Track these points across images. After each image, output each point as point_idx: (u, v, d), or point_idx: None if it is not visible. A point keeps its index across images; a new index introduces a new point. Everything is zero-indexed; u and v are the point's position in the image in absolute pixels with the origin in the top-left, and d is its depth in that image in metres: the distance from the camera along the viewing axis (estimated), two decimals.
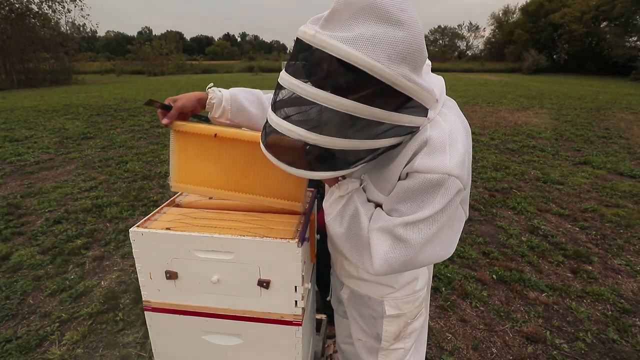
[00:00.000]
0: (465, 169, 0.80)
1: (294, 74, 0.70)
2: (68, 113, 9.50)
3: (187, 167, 1.09)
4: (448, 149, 0.78)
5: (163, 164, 5.41)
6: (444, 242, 0.85)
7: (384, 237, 0.83)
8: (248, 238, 0.96)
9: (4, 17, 19.39)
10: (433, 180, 0.77)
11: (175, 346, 1.12)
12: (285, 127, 0.72)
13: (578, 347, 2.06)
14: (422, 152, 0.78)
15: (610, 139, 7.09)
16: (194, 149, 1.08)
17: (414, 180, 0.79)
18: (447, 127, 0.81)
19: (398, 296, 1.06)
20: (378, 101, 0.68)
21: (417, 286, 1.07)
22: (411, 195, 0.80)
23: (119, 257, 2.93)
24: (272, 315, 1.03)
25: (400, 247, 0.82)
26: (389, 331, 1.09)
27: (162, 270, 1.01)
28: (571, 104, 11.56)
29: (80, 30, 27.54)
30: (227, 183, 1.10)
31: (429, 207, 0.79)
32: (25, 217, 3.60)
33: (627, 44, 30.99)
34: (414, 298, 1.08)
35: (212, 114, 1.11)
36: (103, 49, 70.07)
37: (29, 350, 1.99)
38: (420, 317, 1.13)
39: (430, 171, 0.77)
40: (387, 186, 0.86)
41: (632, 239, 3.29)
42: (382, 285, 1.06)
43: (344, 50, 0.63)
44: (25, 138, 6.78)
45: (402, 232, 0.81)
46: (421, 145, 0.79)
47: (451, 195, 0.78)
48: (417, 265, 0.85)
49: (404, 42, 0.66)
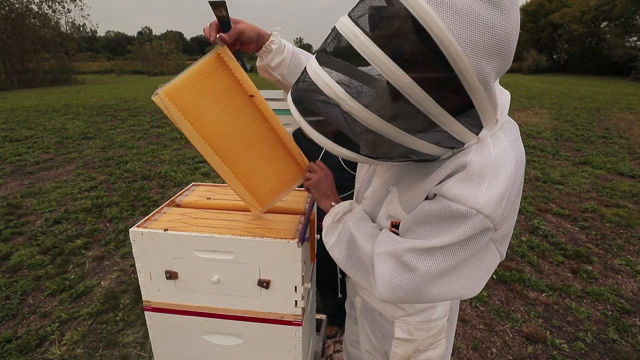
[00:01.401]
0: (502, 209, 0.67)
1: (356, 22, 0.57)
2: (68, 113, 9.51)
3: (192, 93, 0.89)
4: (487, 181, 0.66)
5: (163, 164, 5.41)
6: (465, 280, 0.75)
7: (389, 262, 0.76)
8: (248, 238, 0.96)
9: (4, 17, 19.41)
10: (458, 211, 0.66)
11: (175, 346, 1.12)
12: (323, 78, 0.62)
13: (578, 347, 2.06)
14: (457, 176, 0.67)
15: (610, 139, 7.09)
16: (215, 85, 0.92)
17: (437, 204, 0.70)
18: (495, 155, 0.67)
19: (411, 321, 0.99)
20: (436, 92, 0.56)
21: (433, 315, 1.00)
22: (430, 220, 0.71)
23: (119, 257, 2.93)
24: (272, 315, 1.03)
25: (406, 274, 0.74)
26: (397, 353, 1.02)
27: (162, 270, 1.01)
28: (571, 104, 11.56)
29: (80, 30, 27.56)
30: (216, 141, 0.94)
31: (444, 237, 0.69)
32: (25, 217, 3.60)
33: (627, 44, 31.00)
34: (429, 326, 1.00)
35: (266, 60, 0.97)
36: (103, 49, 70.08)
37: (29, 350, 1.99)
38: (437, 347, 1.04)
39: (458, 201, 0.66)
40: (411, 204, 0.77)
41: (632, 239, 3.29)
42: (395, 306, 0.99)
43: (424, 9, 0.50)
44: (25, 138, 6.78)
45: (410, 258, 0.73)
46: (458, 168, 0.68)
47: (474, 233, 0.67)
48: (429, 299, 0.76)
49: (498, 31, 0.53)
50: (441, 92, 0.57)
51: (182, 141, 6.75)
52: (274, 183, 1.06)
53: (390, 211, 0.84)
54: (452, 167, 0.69)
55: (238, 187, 1.01)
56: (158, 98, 0.86)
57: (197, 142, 0.92)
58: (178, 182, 4.60)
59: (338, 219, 0.91)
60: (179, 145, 6.44)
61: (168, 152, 5.98)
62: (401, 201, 0.81)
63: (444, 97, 0.57)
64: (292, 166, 1.09)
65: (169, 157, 5.74)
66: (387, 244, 0.78)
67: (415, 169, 0.78)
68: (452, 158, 0.70)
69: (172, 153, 5.95)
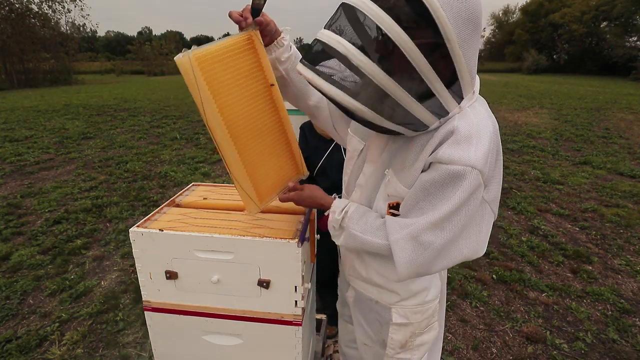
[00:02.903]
0: (489, 165, 0.77)
1: None
2: (68, 113, 9.50)
3: (220, 65, 0.86)
4: (474, 141, 0.76)
5: (163, 164, 5.41)
6: (470, 242, 0.83)
7: (406, 245, 0.82)
8: (248, 238, 0.96)
9: (4, 17, 19.41)
10: (455, 172, 0.75)
11: (175, 346, 1.12)
12: (335, 38, 0.70)
13: (578, 347, 2.06)
14: (448, 141, 0.77)
15: (610, 139, 7.09)
16: (242, 65, 0.91)
17: (436, 171, 0.78)
18: (476, 120, 0.79)
19: (407, 305, 1.03)
20: (428, 53, 0.67)
21: (427, 297, 1.04)
22: (431, 189, 0.79)
23: (119, 257, 2.93)
24: (272, 315, 1.03)
25: (424, 252, 0.80)
26: (394, 339, 1.05)
27: (162, 270, 1.01)
28: (571, 104, 11.56)
29: (80, 30, 27.60)
30: (231, 121, 0.89)
31: (449, 202, 0.77)
32: (25, 217, 3.60)
33: (627, 44, 31.01)
34: (424, 309, 1.04)
35: (276, 54, 1.01)
36: (103, 49, 70.05)
37: (29, 350, 1.99)
38: (431, 330, 1.08)
39: (453, 162, 0.75)
40: (410, 178, 0.84)
41: (632, 239, 3.29)
42: (391, 292, 1.03)
43: None
44: (25, 138, 6.78)
45: (425, 236, 0.79)
46: (447, 135, 0.78)
47: (472, 190, 0.76)
48: (442, 267, 0.83)
49: (471, 2, 0.67)
50: (432, 55, 0.68)
51: (182, 141, 6.75)
52: (273, 179, 1.04)
53: (389, 191, 0.90)
54: (442, 135, 0.78)
55: (242, 177, 0.94)
56: (187, 60, 0.80)
57: (213, 118, 0.86)
58: (178, 182, 4.60)
59: (339, 226, 0.94)
60: (179, 145, 6.44)
61: (168, 152, 5.98)
62: (400, 178, 0.86)
63: (435, 61, 0.68)
64: (291, 166, 1.08)
65: (169, 157, 5.74)
66: (399, 229, 0.83)
67: (405, 148, 0.85)
68: (439, 129, 0.79)
69: (172, 153, 5.95)
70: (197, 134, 7.30)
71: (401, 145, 0.87)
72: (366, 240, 0.89)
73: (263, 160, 0.99)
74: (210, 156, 5.80)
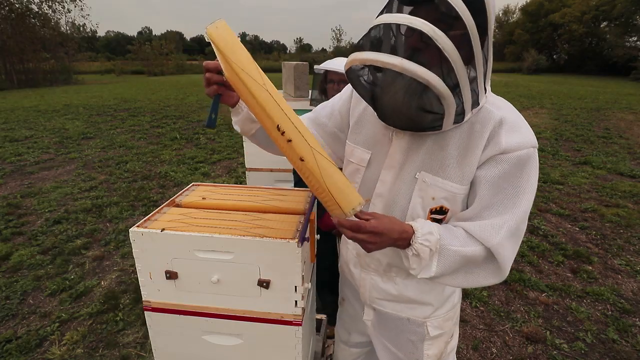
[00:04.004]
0: None
1: None
2: (68, 113, 9.51)
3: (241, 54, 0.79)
4: (522, 122, 0.81)
5: (163, 164, 5.41)
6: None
7: (507, 245, 0.81)
8: (248, 238, 0.96)
9: (4, 17, 19.40)
10: (524, 156, 0.77)
11: (175, 346, 1.12)
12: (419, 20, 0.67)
13: (578, 347, 2.06)
14: (503, 131, 0.79)
15: (610, 139, 7.09)
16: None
17: (504, 163, 0.78)
18: (503, 103, 0.84)
19: (440, 314, 1.00)
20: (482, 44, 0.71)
21: (455, 298, 1.02)
22: (505, 182, 0.79)
23: (119, 257, 2.93)
24: (272, 315, 1.03)
25: (519, 240, 0.83)
26: (430, 354, 1.00)
27: (162, 270, 1.01)
28: (571, 104, 11.56)
29: (80, 30, 27.48)
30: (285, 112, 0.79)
31: (529, 186, 0.79)
32: (25, 217, 3.60)
33: (627, 44, 31.01)
34: (453, 312, 1.02)
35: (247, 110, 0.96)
36: (103, 49, 70.02)
37: (29, 350, 1.99)
38: (455, 333, 1.06)
39: (520, 147, 0.77)
40: (462, 174, 0.83)
41: (632, 239, 3.29)
42: (425, 304, 0.98)
43: None
44: (25, 138, 6.78)
45: (521, 227, 0.81)
46: (497, 126, 0.79)
47: (538, 166, 0.80)
48: None
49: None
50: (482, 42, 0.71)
51: (182, 141, 6.75)
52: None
53: (432, 194, 0.86)
54: (490, 127, 0.80)
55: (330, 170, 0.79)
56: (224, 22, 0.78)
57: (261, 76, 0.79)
58: (178, 182, 4.60)
59: (435, 249, 0.81)
60: (179, 145, 6.44)
61: (168, 152, 5.97)
62: (447, 176, 0.84)
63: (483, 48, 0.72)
64: None
65: (169, 157, 5.74)
66: (495, 231, 0.80)
67: (439, 146, 0.84)
68: (480, 122, 0.80)
69: (172, 153, 5.95)
70: (197, 134, 7.30)
71: (430, 145, 0.85)
72: (466, 252, 0.81)
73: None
74: (210, 156, 5.80)
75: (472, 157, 0.81)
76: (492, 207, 0.81)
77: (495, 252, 0.80)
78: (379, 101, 0.81)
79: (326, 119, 1.09)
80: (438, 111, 0.74)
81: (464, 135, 0.82)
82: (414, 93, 0.72)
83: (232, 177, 4.83)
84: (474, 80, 0.74)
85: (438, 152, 0.84)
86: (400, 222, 0.82)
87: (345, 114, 1.06)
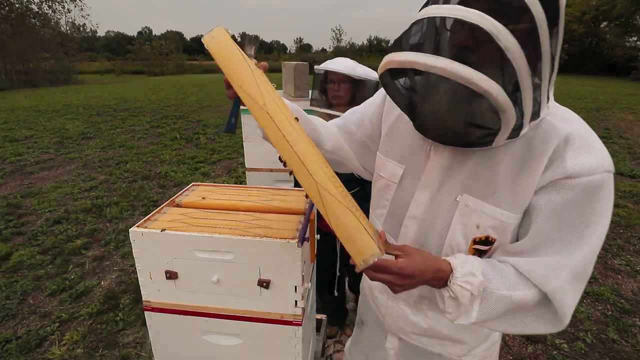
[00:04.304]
0: None
1: None
2: (68, 113, 9.50)
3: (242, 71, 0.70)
4: (595, 141, 0.65)
5: (163, 164, 5.41)
6: None
7: (571, 287, 0.67)
8: (248, 238, 0.96)
9: (4, 17, 19.41)
10: (596, 182, 0.62)
11: (175, 346, 1.12)
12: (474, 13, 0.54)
13: (578, 347, 2.06)
14: (569, 151, 0.64)
15: (610, 139, 7.09)
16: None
17: (569, 190, 0.64)
18: (572, 116, 0.69)
19: (477, 352, 0.87)
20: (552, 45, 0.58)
21: (495, 335, 0.90)
22: (570, 213, 0.64)
23: (119, 257, 2.93)
24: (272, 315, 1.03)
25: (584, 283, 0.68)
26: None
27: (162, 270, 1.01)
28: (571, 104, 11.55)
29: (80, 30, 27.54)
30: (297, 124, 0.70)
31: (601, 220, 0.64)
32: (25, 217, 3.60)
33: (627, 44, 31.00)
34: (492, 349, 0.90)
35: None
36: (103, 49, 70.05)
37: (29, 350, 1.99)
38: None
39: (590, 172, 0.62)
40: (515, 201, 0.68)
41: (632, 239, 3.29)
42: (459, 343, 0.86)
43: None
44: (25, 138, 6.78)
45: (588, 269, 0.67)
46: (561, 144, 0.65)
47: (612, 195, 0.65)
48: None
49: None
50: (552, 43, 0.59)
51: (182, 141, 6.75)
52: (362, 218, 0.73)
53: (475, 221, 0.72)
54: (553, 146, 0.65)
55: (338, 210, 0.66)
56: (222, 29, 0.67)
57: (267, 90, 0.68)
58: (178, 182, 4.60)
59: (477, 294, 0.68)
60: (179, 145, 6.44)
61: (168, 152, 5.97)
62: (497, 203, 0.70)
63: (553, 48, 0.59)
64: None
65: (169, 157, 5.74)
66: (555, 273, 0.66)
67: (487, 165, 0.71)
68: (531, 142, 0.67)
69: (172, 153, 5.95)
70: (197, 134, 7.30)
71: (476, 162, 0.72)
72: (516, 297, 0.68)
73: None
74: (210, 156, 5.80)
75: (529, 180, 0.67)
76: (552, 242, 0.67)
77: (553, 298, 0.67)
78: (417, 110, 0.69)
79: (355, 126, 0.98)
80: (492, 126, 0.61)
81: (518, 153, 0.68)
82: (463, 103, 0.60)
83: (232, 177, 4.83)
84: (538, 87, 0.60)
85: (485, 171, 0.71)
86: (434, 258, 0.70)
87: (377, 122, 0.94)
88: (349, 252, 0.67)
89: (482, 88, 0.54)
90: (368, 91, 1.75)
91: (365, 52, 53.64)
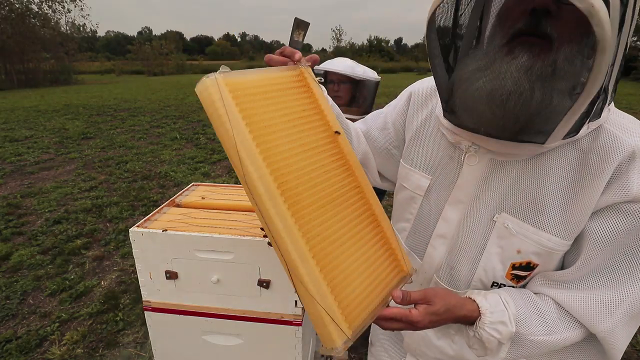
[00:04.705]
0: None
1: None
2: (68, 113, 9.50)
3: (263, 96, 0.61)
4: None
5: (163, 164, 5.41)
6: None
7: (625, 329, 0.59)
8: (248, 238, 0.96)
9: (4, 17, 19.41)
10: None
11: (175, 346, 1.12)
12: None
13: None
14: (635, 169, 0.54)
15: None
16: (293, 105, 0.64)
17: (633, 217, 0.54)
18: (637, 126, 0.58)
19: None
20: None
21: None
22: (632, 242, 0.55)
23: (119, 257, 2.93)
24: (272, 315, 1.03)
25: (638, 323, 0.60)
26: None
27: (162, 270, 1.01)
28: None
29: (80, 30, 27.50)
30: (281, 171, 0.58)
31: None
32: (25, 217, 3.60)
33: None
34: None
35: None
36: (103, 49, 70.14)
37: (29, 350, 1.99)
38: None
39: None
40: (571, 224, 0.58)
41: None
42: None
43: None
44: (25, 138, 6.78)
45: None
46: (624, 160, 0.55)
47: None
48: None
49: None
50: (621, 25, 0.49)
51: (182, 141, 6.75)
52: (364, 284, 0.63)
53: (516, 246, 0.62)
54: (615, 162, 0.55)
55: (315, 282, 0.58)
56: (214, 81, 0.55)
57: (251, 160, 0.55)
58: (178, 182, 4.60)
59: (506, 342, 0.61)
60: (178, 145, 6.44)
61: (168, 152, 5.97)
62: (542, 226, 0.60)
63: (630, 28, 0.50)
64: (386, 260, 0.68)
65: (169, 157, 5.74)
66: (605, 311, 0.57)
67: (531, 180, 0.61)
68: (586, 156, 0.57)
69: (172, 153, 5.95)
70: (197, 134, 7.30)
71: (518, 175, 0.62)
72: (554, 342, 0.60)
73: (344, 247, 0.63)
74: (210, 156, 5.80)
75: (585, 202, 0.57)
76: (604, 274, 0.58)
77: (603, 340, 0.58)
78: (467, 82, 0.56)
79: (378, 132, 0.89)
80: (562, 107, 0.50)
81: (570, 168, 0.58)
82: (556, 72, 0.49)
83: (232, 177, 4.83)
84: (609, 75, 0.50)
85: (529, 187, 0.61)
86: (460, 305, 0.61)
87: (400, 128, 0.85)
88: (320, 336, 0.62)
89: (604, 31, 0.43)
90: (368, 91, 1.75)
91: (365, 52, 53.68)
